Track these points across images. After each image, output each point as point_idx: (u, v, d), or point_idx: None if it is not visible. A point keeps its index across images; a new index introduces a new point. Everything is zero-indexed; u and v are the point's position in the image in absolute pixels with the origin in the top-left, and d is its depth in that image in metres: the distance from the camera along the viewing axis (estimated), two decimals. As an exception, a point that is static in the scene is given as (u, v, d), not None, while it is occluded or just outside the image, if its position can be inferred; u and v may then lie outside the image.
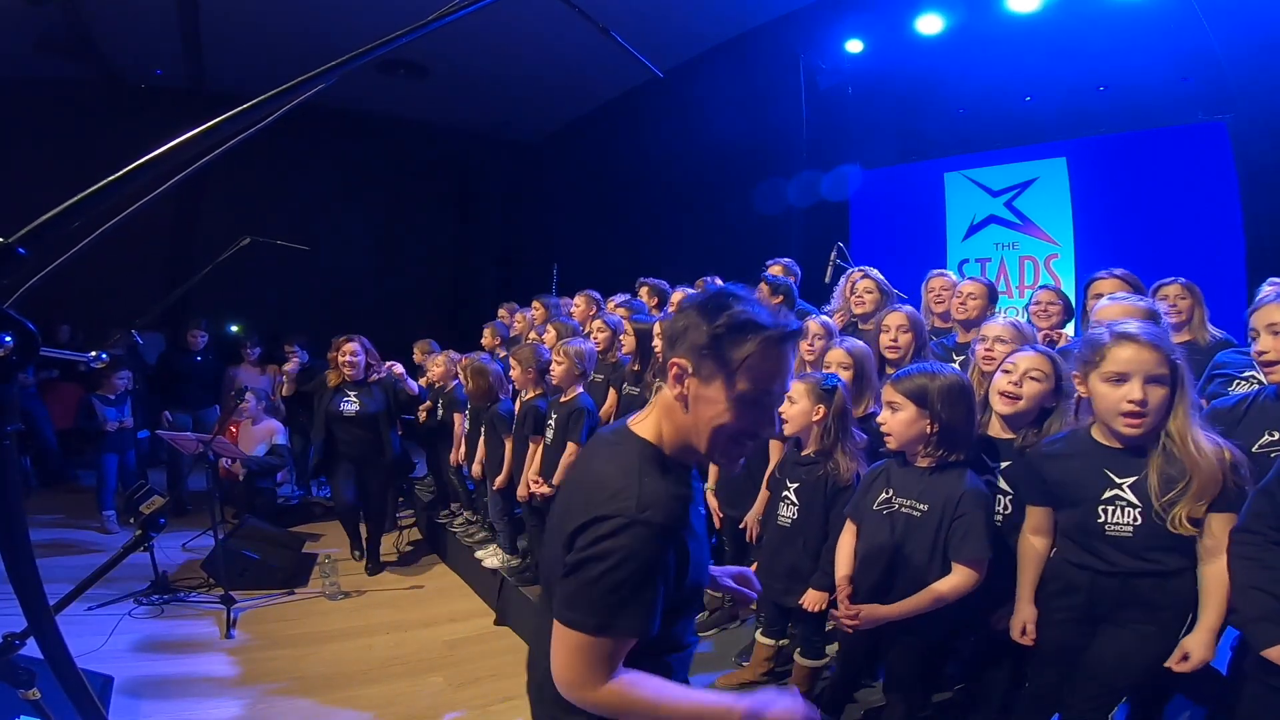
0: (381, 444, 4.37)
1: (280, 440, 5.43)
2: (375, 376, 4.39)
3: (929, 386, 1.79)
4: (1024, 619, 1.77)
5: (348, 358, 4.32)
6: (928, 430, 1.79)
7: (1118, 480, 1.59)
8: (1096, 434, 1.66)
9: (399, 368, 4.48)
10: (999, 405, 1.95)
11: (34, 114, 7.43)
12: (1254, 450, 1.70)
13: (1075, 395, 1.76)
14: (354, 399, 4.32)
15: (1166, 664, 1.56)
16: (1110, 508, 1.59)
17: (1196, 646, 1.54)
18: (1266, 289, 2.59)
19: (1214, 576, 1.53)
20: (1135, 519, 1.56)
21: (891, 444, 1.87)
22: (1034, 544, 1.79)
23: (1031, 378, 1.91)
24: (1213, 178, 4.48)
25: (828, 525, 2.18)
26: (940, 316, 3.39)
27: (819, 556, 2.18)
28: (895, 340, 2.65)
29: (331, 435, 4.36)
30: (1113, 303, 2.23)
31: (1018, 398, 1.92)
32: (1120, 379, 1.56)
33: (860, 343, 2.56)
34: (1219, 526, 1.53)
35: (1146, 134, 4.83)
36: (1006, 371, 1.96)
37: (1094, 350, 1.62)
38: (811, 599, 2.15)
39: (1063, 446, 1.73)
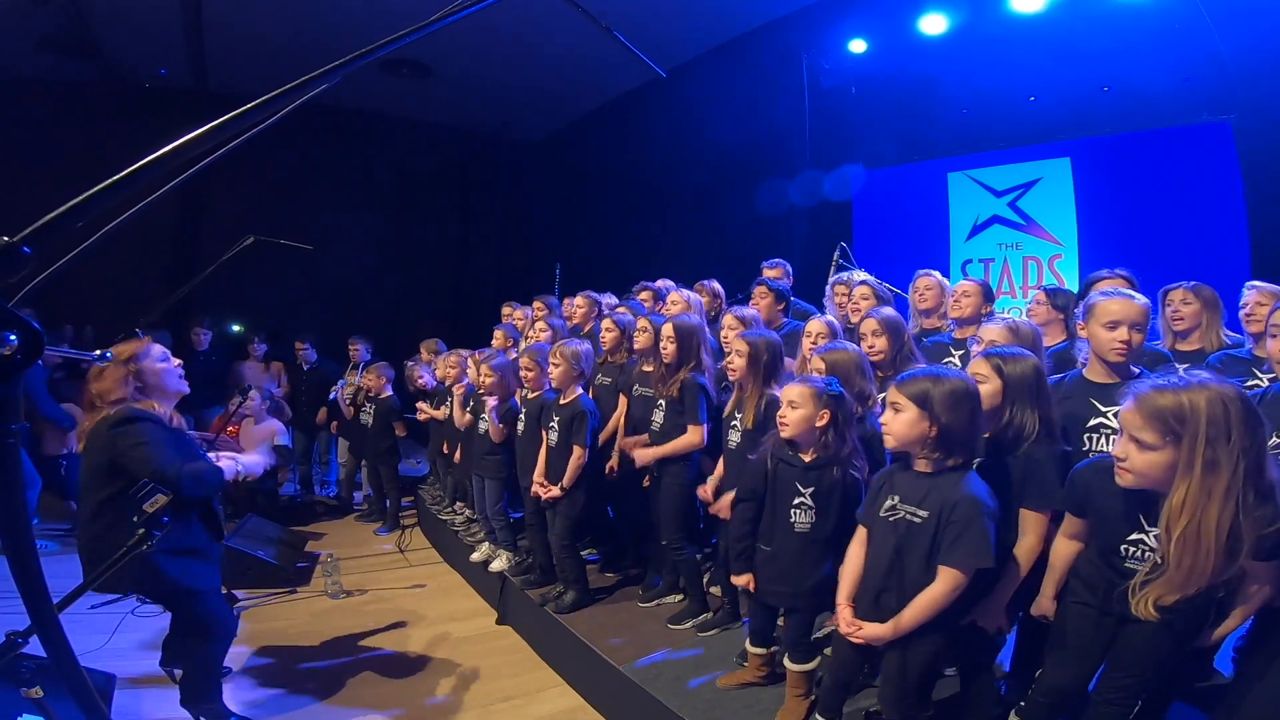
0: None
1: (281, 441, 5.44)
2: None
3: (931, 390, 1.79)
4: (1044, 610, 1.89)
5: None
6: (928, 432, 1.79)
7: (1146, 526, 1.59)
8: None
9: None
10: None
11: (38, 113, 7.45)
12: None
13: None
14: None
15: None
16: (1133, 549, 1.62)
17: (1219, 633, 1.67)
18: (1248, 293, 2.55)
19: (1250, 594, 1.61)
20: (1156, 562, 1.54)
21: (890, 443, 1.89)
22: (1066, 546, 1.83)
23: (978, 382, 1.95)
24: (1217, 178, 4.47)
25: (849, 527, 2.15)
26: (924, 314, 3.44)
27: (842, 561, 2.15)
28: (872, 345, 2.66)
29: None
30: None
31: None
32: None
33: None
34: (1262, 570, 1.52)
35: (1151, 134, 4.82)
36: None
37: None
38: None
39: (1109, 477, 1.62)
